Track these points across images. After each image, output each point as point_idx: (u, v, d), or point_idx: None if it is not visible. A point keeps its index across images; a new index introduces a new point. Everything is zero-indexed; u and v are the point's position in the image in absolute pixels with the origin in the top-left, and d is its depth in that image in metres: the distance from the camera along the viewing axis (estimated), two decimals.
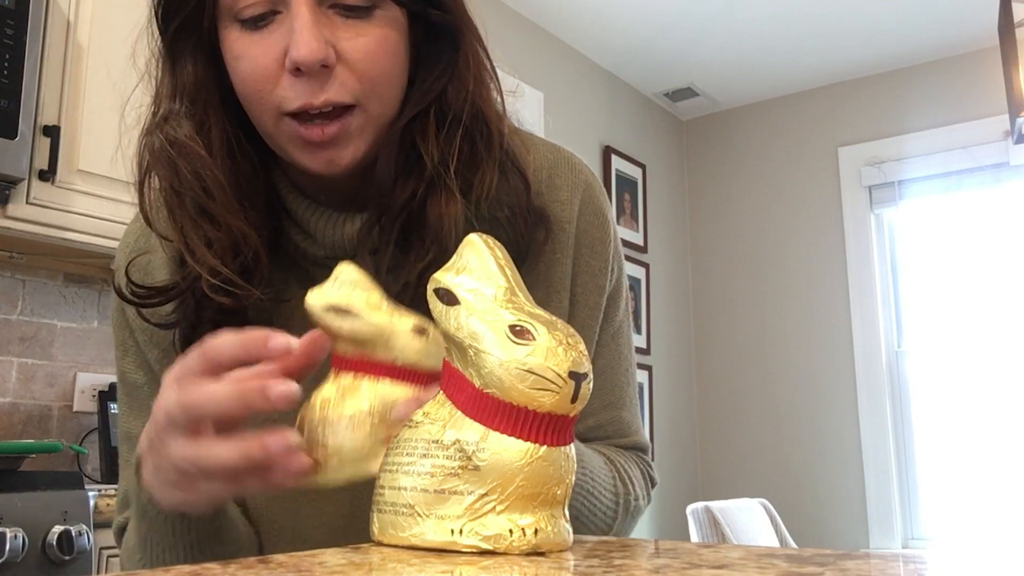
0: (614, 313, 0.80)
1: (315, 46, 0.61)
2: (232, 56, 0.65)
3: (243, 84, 0.65)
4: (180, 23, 0.66)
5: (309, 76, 0.62)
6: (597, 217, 0.78)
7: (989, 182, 3.53)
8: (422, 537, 0.46)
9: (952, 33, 3.49)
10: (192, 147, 0.66)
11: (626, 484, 0.75)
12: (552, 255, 0.75)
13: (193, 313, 0.69)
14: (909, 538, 3.56)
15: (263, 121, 0.66)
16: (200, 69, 0.68)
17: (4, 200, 1.76)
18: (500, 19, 3.22)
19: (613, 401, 0.79)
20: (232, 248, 0.66)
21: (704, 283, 4.15)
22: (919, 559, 0.45)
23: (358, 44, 0.64)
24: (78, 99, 1.89)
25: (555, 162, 0.78)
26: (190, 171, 0.66)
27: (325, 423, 0.54)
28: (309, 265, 0.74)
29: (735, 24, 3.46)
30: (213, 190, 0.66)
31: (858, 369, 3.67)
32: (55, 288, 2.18)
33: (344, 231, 0.71)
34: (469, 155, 0.69)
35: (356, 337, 0.54)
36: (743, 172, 4.12)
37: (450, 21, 0.69)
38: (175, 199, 0.67)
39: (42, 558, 1.51)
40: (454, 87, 0.69)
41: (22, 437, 2.06)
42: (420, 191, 0.67)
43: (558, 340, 0.45)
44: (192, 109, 0.67)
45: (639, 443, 0.82)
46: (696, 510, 2.74)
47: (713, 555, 0.44)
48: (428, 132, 0.68)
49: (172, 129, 0.67)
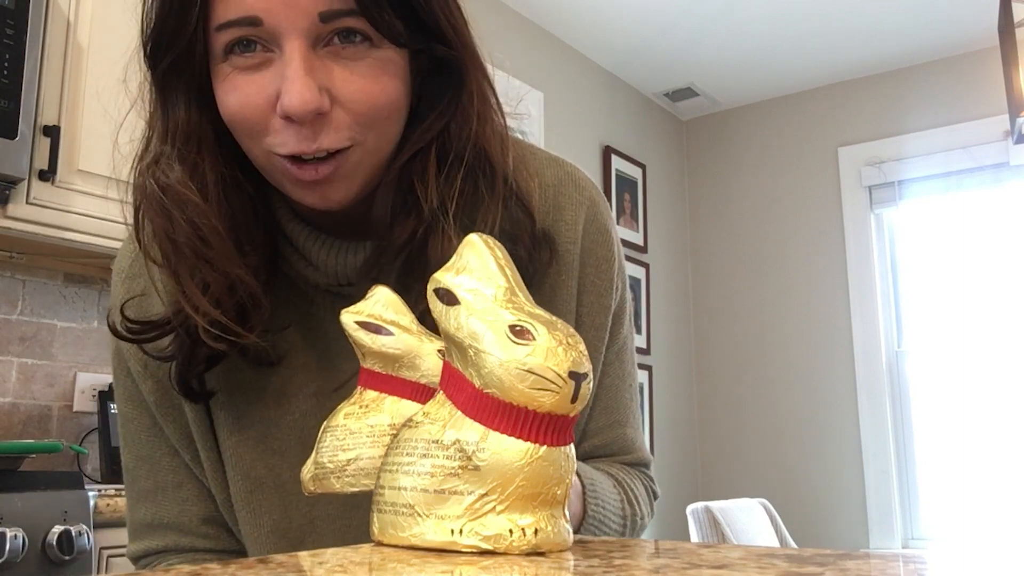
0: (618, 331, 0.79)
1: (308, 96, 0.59)
2: (223, 93, 0.63)
3: (233, 122, 0.63)
4: (171, 63, 0.64)
5: (301, 124, 0.60)
6: (601, 235, 0.77)
7: (989, 182, 3.53)
8: (422, 537, 0.46)
9: (952, 33, 3.49)
10: (186, 194, 0.64)
11: (633, 505, 0.76)
12: (557, 276, 0.74)
13: (189, 349, 0.68)
14: (909, 538, 3.56)
15: (255, 156, 0.65)
16: (193, 109, 0.65)
17: (4, 200, 1.76)
18: (500, 19, 3.22)
19: (619, 419, 0.79)
20: (229, 290, 0.65)
21: (704, 283, 4.15)
22: (919, 559, 0.45)
23: (354, 86, 0.61)
24: (78, 99, 1.89)
25: (560, 180, 0.76)
26: (184, 219, 0.64)
27: (347, 432, 0.55)
28: (310, 290, 0.73)
29: (735, 24, 3.46)
30: (209, 238, 0.64)
31: (858, 369, 3.67)
32: (55, 288, 2.18)
33: (346, 260, 0.70)
34: (471, 196, 0.67)
35: (384, 354, 0.56)
36: (743, 172, 4.12)
37: (455, 57, 0.66)
38: (170, 246, 0.65)
39: (42, 558, 1.51)
40: (457, 124, 0.67)
41: (22, 437, 2.06)
42: (420, 231, 0.65)
43: (558, 340, 0.45)
44: (184, 151, 0.65)
45: (643, 459, 0.82)
46: (696, 510, 2.74)
47: (713, 555, 0.44)
48: (428, 172, 0.66)
49: (163, 174, 0.65)
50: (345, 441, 0.55)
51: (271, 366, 0.72)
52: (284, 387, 0.72)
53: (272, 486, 0.72)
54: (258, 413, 0.73)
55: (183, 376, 0.70)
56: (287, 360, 0.73)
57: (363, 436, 0.55)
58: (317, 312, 0.73)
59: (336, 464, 0.55)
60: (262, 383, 0.73)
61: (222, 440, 0.74)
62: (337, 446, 0.55)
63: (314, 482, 0.56)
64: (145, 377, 0.75)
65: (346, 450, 0.55)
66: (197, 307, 0.64)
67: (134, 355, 0.74)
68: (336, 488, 0.55)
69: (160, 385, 0.74)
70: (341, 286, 0.71)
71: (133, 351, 0.74)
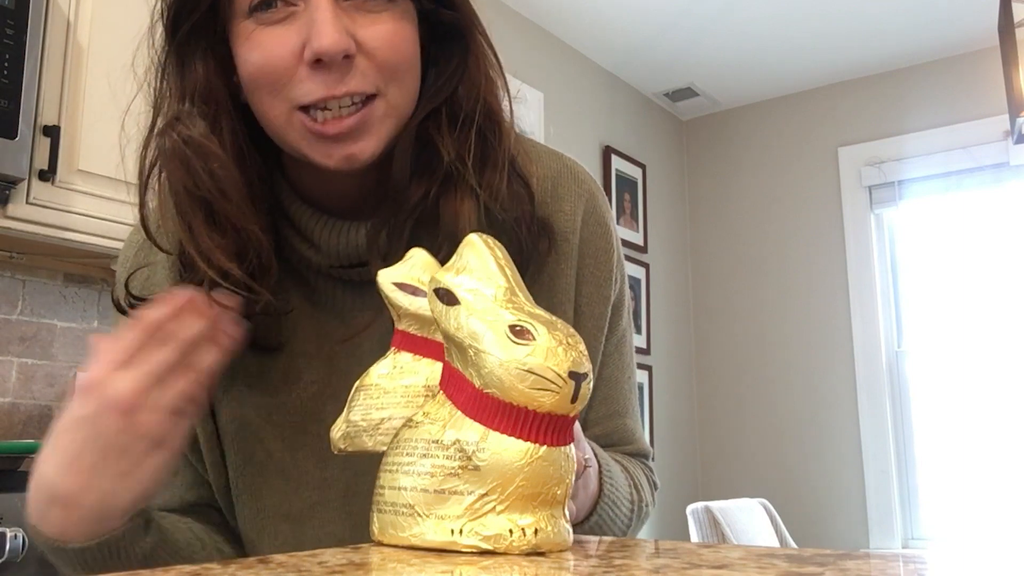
0: (617, 322, 0.80)
1: (337, 37, 0.60)
2: (247, 49, 0.64)
3: (257, 76, 0.64)
4: (192, 25, 0.65)
5: (330, 68, 0.62)
6: (600, 227, 0.78)
7: (989, 182, 3.53)
8: (422, 537, 0.46)
9: (952, 33, 3.49)
10: (208, 146, 0.65)
11: (639, 491, 0.77)
12: (556, 266, 0.74)
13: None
14: (909, 538, 3.56)
15: (274, 117, 0.65)
16: (212, 71, 0.66)
17: (4, 200, 1.76)
18: (500, 19, 3.22)
19: (618, 410, 0.80)
20: (238, 254, 0.65)
21: (704, 283, 4.15)
22: (919, 559, 0.45)
23: (378, 32, 0.63)
24: (78, 99, 1.89)
25: (559, 172, 0.77)
26: (205, 171, 0.65)
27: (382, 391, 0.55)
28: (311, 275, 0.73)
29: (735, 24, 3.46)
30: (229, 191, 0.65)
31: (858, 369, 3.67)
32: (55, 288, 2.18)
33: (348, 239, 0.70)
34: (482, 153, 0.68)
35: (421, 316, 0.55)
36: (743, 172, 4.12)
37: (459, 20, 0.68)
38: (187, 200, 0.66)
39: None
40: (465, 85, 0.69)
41: (22, 437, 2.06)
42: (433, 191, 0.67)
43: (558, 340, 0.45)
44: (205, 109, 0.66)
45: (643, 450, 0.83)
46: (696, 510, 2.74)
47: (713, 555, 0.44)
48: (443, 129, 0.67)
49: (185, 128, 0.65)
50: (379, 400, 0.55)
51: (274, 351, 0.72)
52: (286, 372, 0.72)
53: (274, 471, 0.72)
54: (260, 398, 0.73)
55: None
56: (289, 345, 0.73)
57: (397, 396, 0.54)
58: (318, 298, 0.73)
59: (369, 422, 0.55)
60: (264, 368, 0.73)
61: (222, 425, 0.74)
62: (371, 404, 0.55)
63: (345, 439, 0.56)
64: None
65: (380, 409, 0.55)
66: (212, 262, 0.64)
67: None
68: (368, 446, 0.55)
69: None
70: (343, 267, 0.71)
71: None
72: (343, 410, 0.57)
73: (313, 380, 0.73)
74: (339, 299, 0.73)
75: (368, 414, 0.55)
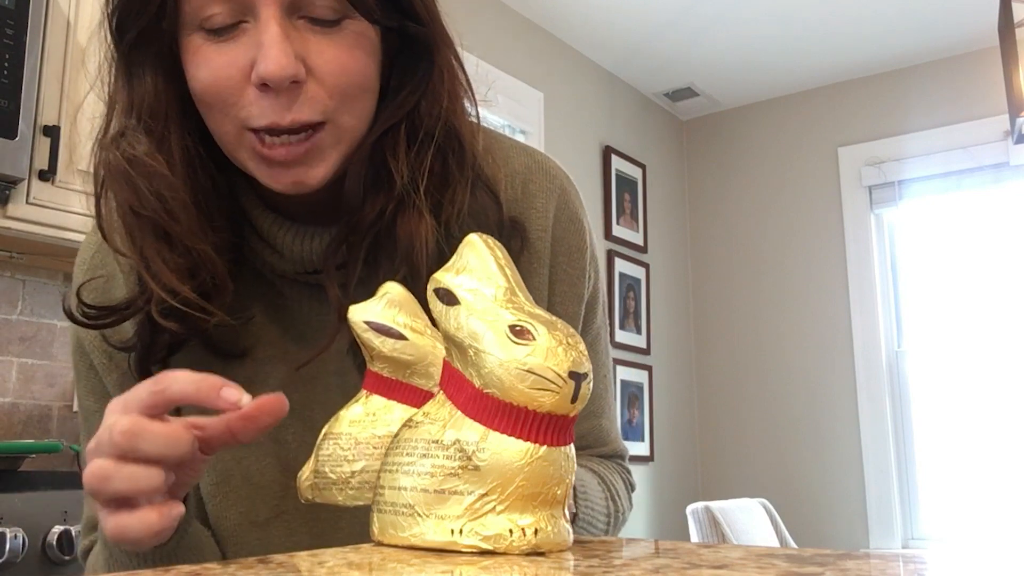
0: (592, 320, 0.79)
1: (284, 61, 0.58)
2: (194, 65, 0.61)
3: (204, 95, 0.61)
4: (138, 33, 0.62)
5: (277, 92, 0.59)
6: (573, 223, 0.76)
7: (989, 182, 3.53)
8: (422, 537, 0.46)
9: (952, 33, 3.49)
10: (153, 166, 0.62)
11: (616, 501, 0.76)
12: (529, 265, 0.73)
13: (149, 335, 0.66)
14: (909, 538, 3.56)
15: (223, 134, 0.63)
16: (160, 81, 0.64)
17: (4, 200, 1.76)
18: (500, 19, 3.22)
19: (594, 410, 0.78)
20: (190, 271, 0.64)
21: (704, 283, 4.15)
22: (919, 559, 0.45)
23: (329, 57, 0.60)
24: (78, 99, 1.89)
25: (529, 168, 0.76)
26: (151, 192, 0.62)
27: (353, 441, 0.53)
28: (276, 279, 0.72)
29: (735, 24, 3.46)
30: (177, 211, 0.63)
31: (858, 369, 3.67)
32: (55, 288, 2.18)
33: (312, 246, 0.68)
34: (441, 173, 0.66)
35: (396, 359, 0.53)
36: (743, 172, 4.12)
37: (425, 34, 0.66)
38: (134, 220, 0.63)
39: (42, 558, 1.51)
40: (427, 102, 0.66)
41: (22, 437, 2.06)
42: (389, 209, 0.65)
43: (558, 340, 0.45)
44: (151, 124, 0.63)
45: (618, 451, 0.82)
46: (696, 510, 2.74)
47: (713, 555, 0.44)
48: (399, 148, 0.65)
49: (129, 146, 0.63)
50: (349, 452, 0.53)
51: (238, 358, 0.71)
52: (251, 379, 0.71)
53: (240, 478, 0.71)
54: None
55: (143, 363, 0.68)
56: (253, 352, 0.71)
57: (369, 447, 0.52)
58: (284, 303, 0.72)
59: (339, 475, 0.53)
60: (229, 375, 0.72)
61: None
62: (341, 456, 0.53)
63: (312, 491, 0.54)
64: (110, 369, 0.73)
65: (350, 461, 0.52)
66: (161, 281, 0.62)
67: (98, 347, 0.73)
68: (339, 500, 0.53)
69: (125, 377, 0.71)
70: (308, 273, 0.70)
71: (96, 344, 0.73)
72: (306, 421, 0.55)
73: (277, 386, 0.72)
74: (304, 304, 0.72)
75: (338, 466, 0.53)
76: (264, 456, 0.71)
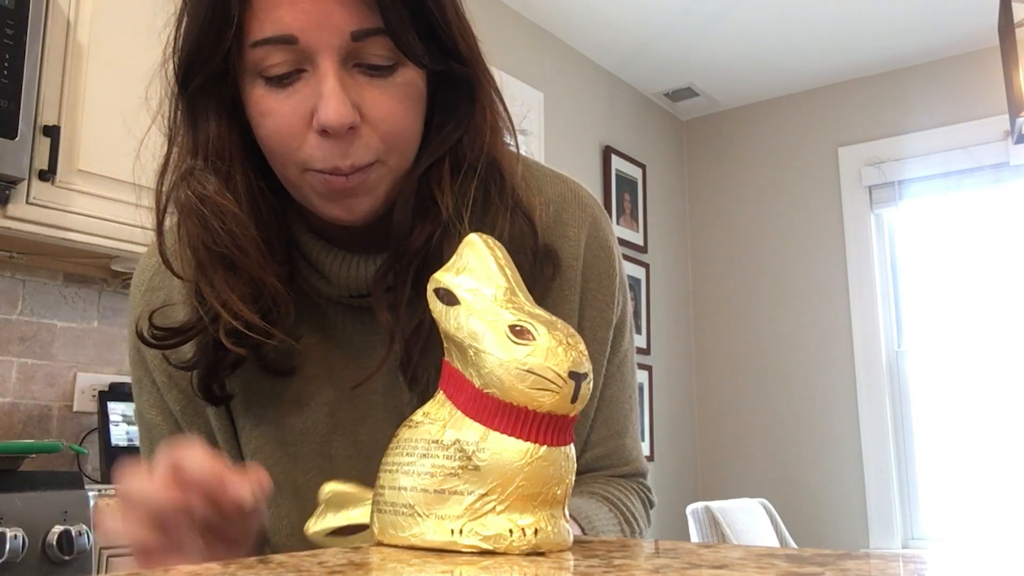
0: (619, 343, 0.81)
1: (343, 111, 0.62)
2: (258, 113, 0.65)
3: (270, 142, 0.66)
4: (203, 81, 0.66)
5: (336, 137, 0.63)
6: (603, 251, 0.79)
7: (989, 182, 3.53)
8: (422, 537, 0.46)
9: (952, 33, 3.49)
10: (225, 205, 0.67)
11: (631, 525, 0.79)
12: (560, 291, 0.76)
13: (213, 353, 0.70)
14: (909, 538, 3.56)
15: (287, 174, 0.67)
16: (223, 124, 0.68)
17: (4, 200, 1.76)
18: (500, 19, 3.22)
19: (618, 430, 0.81)
20: (253, 297, 0.68)
21: (704, 283, 4.15)
22: (919, 559, 0.45)
23: (382, 104, 0.64)
24: (78, 99, 1.89)
25: (563, 196, 0.79)
26: (223, 229, 0.67)
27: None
28: (323, 302, 0.75)
29: (735, 24, 3.46)
30: (246, 246, 0.67)
31: (858, 369, 3.67)
32: (55, 288, 2.18)
33: (357, 272, 0.72)
34: (483, 202, 0.70)
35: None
36: (743, 172, 4.12)
37: (468, 74, 0.69)
38: (205, 254, 0.68)
39: (42, 558, 1.51)
40: (470, 137, 0.70)
41: (22, 437, 2.06)
42: (436, 234, 0.68)
43: (558, 340, 0.45)
44: (218, 164, 0.68)
45: (639, 469, 0.84)
46: (696, 510, 2.74)
47: (713, 555, 0.44)
48: (444, 181, 0.69)
49: (199, 185, 0.68)
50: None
51: (287, 375, 0.75)
52: (299, 395, 0.75)
53: (289, 491, 0.75)
54: (274, 419, 0.76)
55: (205, 382, 0.72)
56: (301, 370, 0.75)
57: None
58: (329, 324, 0.76)
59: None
60: (278, 391, 0.76)
61: (244, 444, 0.77)
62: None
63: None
64: (170, 387, 0.77)
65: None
66: (230, 308, 0.67)
67: (159, 367, 0.77)
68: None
69: (184, 395, 0.77)
70: (353, 297, 0.74)
71: (158, 363, 0.77)
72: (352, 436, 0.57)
73: (323, 403, 0.75)
74: (348, 325, 0.76)
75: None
76: (311, 470, 0.75)
